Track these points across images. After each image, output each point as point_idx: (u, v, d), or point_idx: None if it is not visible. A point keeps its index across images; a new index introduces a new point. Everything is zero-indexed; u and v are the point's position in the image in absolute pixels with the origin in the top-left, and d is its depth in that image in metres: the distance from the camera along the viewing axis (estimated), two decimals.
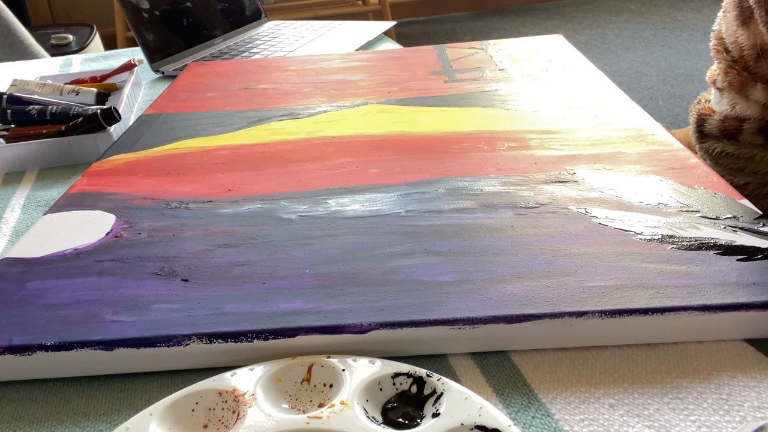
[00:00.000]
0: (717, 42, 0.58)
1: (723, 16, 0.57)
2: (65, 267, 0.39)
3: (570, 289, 0.34)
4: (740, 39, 0.54)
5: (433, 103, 0.62)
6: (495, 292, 0.34)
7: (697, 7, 3.36)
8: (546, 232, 0.39)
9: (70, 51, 1.99)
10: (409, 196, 0.45)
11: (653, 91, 2.42)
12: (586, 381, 0.31)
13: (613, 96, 0.60)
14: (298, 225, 0.42)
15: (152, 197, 0.47)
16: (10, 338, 0.33)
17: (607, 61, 2.74)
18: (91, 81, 0.81)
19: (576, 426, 0.28)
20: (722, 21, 0.57)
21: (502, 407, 0.30)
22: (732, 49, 0.55)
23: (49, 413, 0.32)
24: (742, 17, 0.53)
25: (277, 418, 0.28)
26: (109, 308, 0.35)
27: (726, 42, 0.56)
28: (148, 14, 0.90)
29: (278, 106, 0.64)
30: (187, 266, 0.38)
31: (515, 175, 0.47)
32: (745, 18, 0.53)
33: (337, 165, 0.50)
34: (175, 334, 0.33)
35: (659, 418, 0.28)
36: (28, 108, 0.65)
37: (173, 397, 0.30)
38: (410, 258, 0.38)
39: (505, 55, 0.75)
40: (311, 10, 3.04)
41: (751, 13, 0.52)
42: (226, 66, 0.81)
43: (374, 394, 0.30)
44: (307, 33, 1.04)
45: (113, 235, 0.43)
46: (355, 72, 0.73)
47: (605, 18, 3.36)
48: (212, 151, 0.55)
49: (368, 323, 0.32)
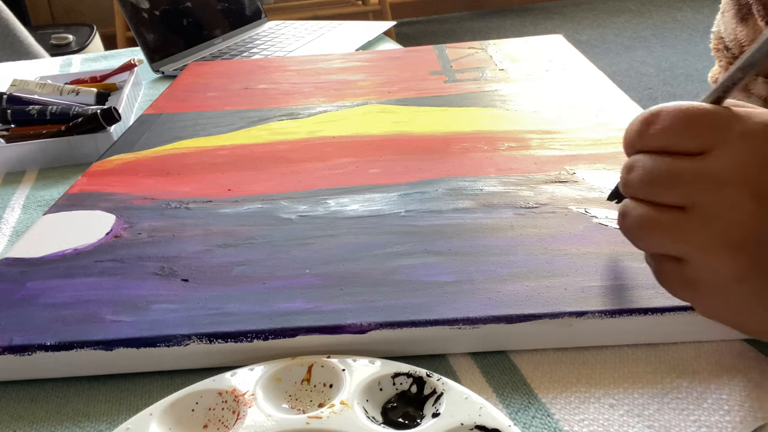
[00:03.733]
0: (717, 41, 0.58)
1: (721, 16, 0.57)
2: (65, 267, 0.39)
3: (570, 289, 0.34)
4: (740, 35, 0.54)
5: (433, 103, 0.62)
6: (495, 292, 0.34)
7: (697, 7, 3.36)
8: (546, 232, 0.39)
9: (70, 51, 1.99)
10: (409, 196, 0.45)
11: (653, 91, 2.42)
12: (586, 381, 0.31)
13: (613, 96, 0.60)
14: (298, 225, 0.42)
15: (152, 197, 0.47)
16: (10, 338, 0.33)
17: (607, 61, 2.74)
18: (91, 81, 0.81)
19: (576, 426, 0.28)
20: (721, 21, 0.57)
21: (502, 407, 0.30)
22: (732, 46, 0.55)
23: (49, 413, 0.32)
24: (740, 14, 0.54)
25: (277, 418, 0.28)
26: (109, 308, 0.35)
27: (726, 40, 0.56)
28: (148, 14, 0.90)
29: (278, 106, 0.64)
30: (187, 266, 0.38)
31: (515, 175, 0.47)
32: (743, 15, 0.53)
33: (337, 165, 0.50)
34: (175, 334, 0.33)
35: (659, 418, 0.28)
36: (28, 108, 0.65)
37: (173, 397, 0.30)
38: (410, 258, 0.38)
39: (505, 55, 0.75)
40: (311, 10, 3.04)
41: (749, 9, 0.53)
42: (226, 66, 0.80)
43: (374, 394, 0.30)
44: (307, 33, 1.04)
45: (113, 235, 0.43)
46: (355, 72, 0.73)
47: (605, 18, 3.36)
48: (212, 151, 0.55)
49: (368, 323, 0.32)
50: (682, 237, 0.29)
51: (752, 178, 0.28)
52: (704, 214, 0.28)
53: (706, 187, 0.28)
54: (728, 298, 0.29)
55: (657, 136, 0.30)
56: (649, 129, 0.30)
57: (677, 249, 0.29)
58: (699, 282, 0.29)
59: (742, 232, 0.28)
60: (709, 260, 0.28)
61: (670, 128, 0.30)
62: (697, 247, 0.28)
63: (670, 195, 0.29)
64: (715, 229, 0.28)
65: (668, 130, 0.30)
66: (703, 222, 0.28)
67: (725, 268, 0.28)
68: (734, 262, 0.28)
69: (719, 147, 0.29)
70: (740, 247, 0.28)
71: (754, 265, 0.28)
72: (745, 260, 0.28)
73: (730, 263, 0.28)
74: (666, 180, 0.29)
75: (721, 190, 0.28)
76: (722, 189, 0.28)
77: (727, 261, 0.28)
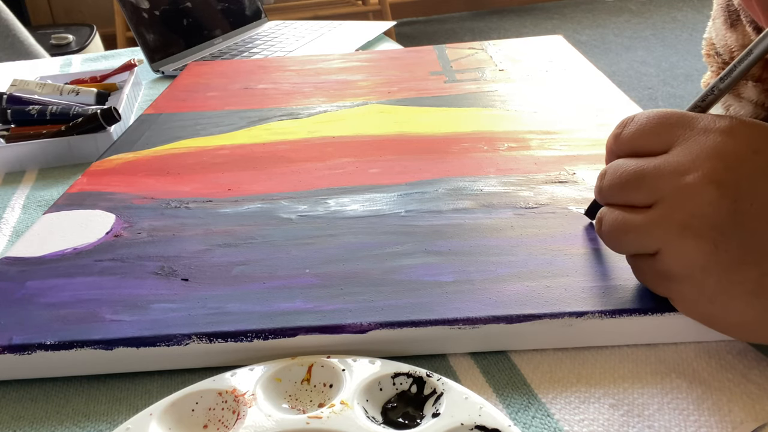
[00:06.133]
0: (708, 47, 0.59)
1: (712, 23, 0.58)
2: (65, 266, 0.39)
3: (570, 289, 0.34)
4: (729, 41, 0.55)
5: (433, 103, 0.62)
6: (495, 292, 0.34)
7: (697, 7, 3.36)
8: (546, 232, 0.39)
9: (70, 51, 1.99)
10: (409, 196, 0.45)
11: (653, 91, 2.42)
12: (586, 381, 0.31)
13: (613, 96, 0.60)
14: (298, 225, 0.42)
15: (152, 197, 0.47)
16: (10, 338, 0.33)
17: (607, 61, 2.75)
18: (91, 81, 0.81)
19: (576, 426, 0.28)
20: (712, 28, 0.58)
21: (502, 407, 0.30)
22: (723, 52, 0.56)
23: (49, 413, 0.32)
24: (729, 20, 0.55)
25: (277, 418, 0.28)
26: (108, 308, 0.35)
27: (717, 46, 0.57)
28: (148, 14, 0.90)
29: (278, 106, 0.64)
30: (187, 266, 0.38)
31: (515, 176, 0.47)
32: (732, 21, 0.54)
33: (337, 165, 0.50)
34: (175, 334, 0.33)
35: (659, 419, 0.28)
36: (28, 108, 0.65)
37: (173, 397, 0.30)
38: (410, 258, 0.38)
39: (505, 55, 0.75)
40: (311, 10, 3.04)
41: (737, 16, 0.54)
42: (226, 66, 0.81)
43: (374, 394, 0.30)
44: (307, 33, 1.04)
45: (113, 234, 0.43)
46: (355, 72, 0.73)
47: (605, 18, 3.36)
48: (212, 151, 0.55)
49: (368, 323, 0.32)
50: (650, 232, 0.29)
51: (709, 166, 0.28)
52: (668, 206, 0.29)
53: (666, 180, 0.29)
54: (699, 288, 0.29)
55: (626, 139, 0.31)
56: (622, 132, 0.32)
57: (647, 245, 0.30)
58: (671, 274, 0.30)
59: (704, 220, 0.28)
60: (676, 250, 0.29)
61: (637, 131, 0.31)
62: (664, 239, 0.29)
63: (638, 195, 0.30)
64: (678, 218, 0.28)
65: (636, 133, 0.31)
66: (668, 213, 0.29)
67: (690, 256, 0.28)
68: (698, 250, 0.28)
69: (681, 142, 0.30)
70: (703, 234, 0.28)
71: (718, 249, 0.28)
72: (707, 246, 0.28)
73: (695, 251, 0.28)
74: (633, 181, 0.30)
75: (681, 182, 0.29)
76: (681, 179, 0.29)
77: (692, 249, 0.28)
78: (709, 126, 0.29)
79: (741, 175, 0.28)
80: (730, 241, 0.28)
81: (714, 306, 0.29)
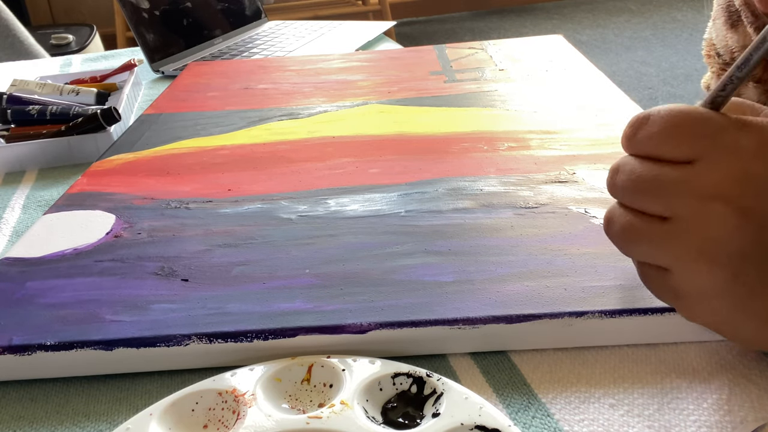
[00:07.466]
0: (709, 48, 0.59)
1: (712, 23, 0.58)
2: (65, 267, 0.39)
3: (570, 289, 0.34)
4: (730, 42, 0.55)
5: (433, 103, 0.62)
6: (495, 292, 0.34)
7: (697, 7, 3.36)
8: (546, 232, 0.39)
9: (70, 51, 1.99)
10: (409, 196, 0.45)
11: (653, 91, 2.42)
12: (586, 381, 0.31)
13: (613, 96, 0.60)
14: (298, 225, 0.42)
15: (152, 197, 0.47)
16: (10, 338, 0.33)
17: (607, 61, 2.74)
18: (91, 81, 0.81)
19: (576, 426, 0.28)
20: (712, 28, 0.58)
21: (502, 407, 0.30)
22: (723, 52, 0.56)
23: (49, 413, 0.32)
24: (730, 21, 0.54)
25: (277, 418, 0.28)
26: (108, 308, 0.35)
27: (717, 47, 0.57)
28: (148, 14, 0.90)
29: (278, 106, 0.64)
30: (187, 266, 0.38)
31: (515, 175, 0.47)
32: (733, 22, 0.54)
33: (337, 165, 0.50)
34: (175, 334, 0.33)
35: (659, 418, 0.28)
36: (28, 108, 0.65)
37: (173, 397, 0.30)
38: (410, 258, 0.38)
39: (505, 55, 0.75)
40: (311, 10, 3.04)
41: (738, 16, 0.54)
42: (226, 66, 0.80)
43: (374, 394, 0.30)
44: (307, 33, 1.04)
45: (113, 234, 0.43)
46: (355, 72, 0.73)
47: (605, 18, 3.36)
48: (212, 151, 0.55)
49: (368, 323, 0.32)
50: (664, 248, 0.29)
51: (736, 194, 0.27)
52: (686, 227, 0.28)
53: (687, 199, 0.28)
54: (709, 308, 0.29)
55: (644, 141, 0.29)
56: (637, 134, 0.30)
57: (659, 259, 0.29)
58: (680, 291, 0.29)
59: (723, 247, 0.27)
60: (690, 273, 0.28)
61: (657, 134, 0.29)
62: (678, 259, 0.28)
63: (654, 205, 0.29)
64: (696, 242, 0.28)
65: (655, 137, 0.29)
66: (685, 235, 0.28)
67: (704, 281, 0.28)
68: (712, 277, 0.28)
69: (705, 158, 0.28)
70: (719, 261, 0.27)
71: (737, 278, 0.27)
72: (724, 275, 0.27)
73: (708, 277, 0.28)
74: (650, 189, 0.29)
75: (703, 205, 0.28)
76: (705, 204, 0.28)
77: (705, 275, 0.28)
78: (738, 144, 0.28)
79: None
80: (749, 270, 0.27)
81: (724, 325, 0.29)
